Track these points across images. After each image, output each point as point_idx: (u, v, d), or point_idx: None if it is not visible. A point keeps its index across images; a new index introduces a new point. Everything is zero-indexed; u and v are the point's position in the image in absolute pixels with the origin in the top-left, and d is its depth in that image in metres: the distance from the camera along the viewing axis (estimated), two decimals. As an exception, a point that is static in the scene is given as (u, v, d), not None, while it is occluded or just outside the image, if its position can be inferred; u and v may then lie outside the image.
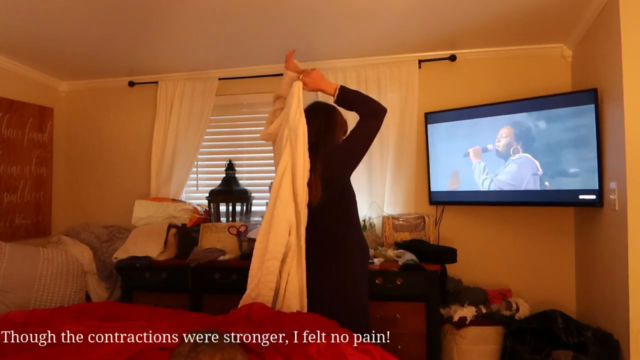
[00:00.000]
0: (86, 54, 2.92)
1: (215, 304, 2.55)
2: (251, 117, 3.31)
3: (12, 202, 3.07)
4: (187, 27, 2.50)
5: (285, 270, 1.73)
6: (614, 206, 2.03)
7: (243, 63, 3.12)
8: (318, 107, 1.95)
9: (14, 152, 3.09)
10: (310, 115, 1.85)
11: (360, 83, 2.98)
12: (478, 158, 2.65)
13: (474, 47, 2.84)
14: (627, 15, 1.91)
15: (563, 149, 2.35)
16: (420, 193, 2.92)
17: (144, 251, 2.67)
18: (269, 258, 1.71)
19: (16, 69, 3.10)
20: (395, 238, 2.79)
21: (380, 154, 2.93)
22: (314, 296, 1.77)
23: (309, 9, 2.28)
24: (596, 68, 2.29)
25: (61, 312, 1.77)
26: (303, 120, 1.75)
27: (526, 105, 2.49)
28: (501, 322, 2.47)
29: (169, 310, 1.91)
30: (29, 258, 2.65)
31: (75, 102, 3.56)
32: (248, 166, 3.30)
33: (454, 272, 2.74)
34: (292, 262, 1.72)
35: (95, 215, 3.44)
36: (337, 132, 1.92)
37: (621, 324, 1.95)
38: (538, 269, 2.78)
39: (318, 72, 1.86)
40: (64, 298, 2.71)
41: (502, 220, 2.83)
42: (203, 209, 3.10)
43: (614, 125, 2.05)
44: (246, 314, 1.65)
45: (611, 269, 2.10)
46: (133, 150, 3.42)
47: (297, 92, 1.80)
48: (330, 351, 1.24)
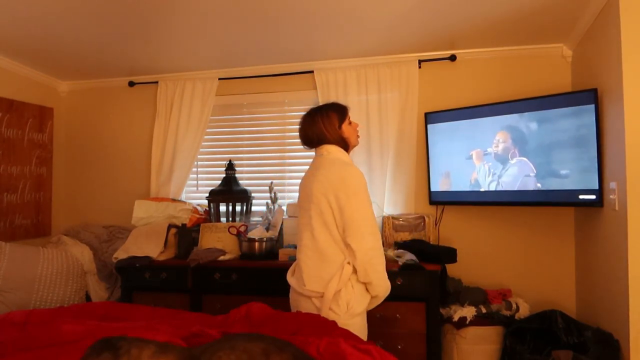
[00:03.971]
0: (86, 54, 2.92)
1: (215, 304, 2.55)
2: (251, 117, 3.31)
3: (12, 202, 3.07)
4: (187, 27, 2.50)
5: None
6: (614, 206, 2.03)
7: (243, 63, 3.12)
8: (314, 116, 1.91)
9: (14, 152, 3.09)
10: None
11: (360, 83, 2.98)
12: (481, 160, 2.66)
13: (474, 47, 2.84)
14: (627, 15, 1.91)
15: (563, 149, 2.35)
16: (420, 193, 2.92)
17: (144, 251, 2.67)
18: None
19: (16, 69, 3.10)
20: (395, 238, 2.79)
21: (380, 154, 2.93)
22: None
23: (309, 9, 2.28)
24: (596, 68, 2.29)
25: (61, 312, 1.77)
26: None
27: (526, 106, 2.49)
28: (501, 322, 2.47)
29: (169, 310, 1.91)
30: (29, 258, 2.65)
31: (75, 102, 3.56)
32: (248, 166, 3.30)
33: (454, 272, 2.74)
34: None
35: (95, 215, 3.44)
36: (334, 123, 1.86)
37: (621, 324, 1.95)
38: (538, 269, 2.78)
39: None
40: (64, 298, 2.72)
41: (503, 220, 2.83)
42: (203, 209, 3.10)
43: (614, 126, 2.05)
44: (246, 314, 1.66)
45: (611, 269, 2.10)
46: (133, 150, 3.42)
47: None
48: (330, 351, 1.24)
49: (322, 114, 1.85)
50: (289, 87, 3.17)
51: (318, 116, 1.86)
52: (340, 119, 1.86)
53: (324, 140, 1.83)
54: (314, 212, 1.74)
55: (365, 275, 1.69)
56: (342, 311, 1.68)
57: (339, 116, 1.86)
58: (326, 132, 1.82)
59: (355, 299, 1.71)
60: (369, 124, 2.95)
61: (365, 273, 1.69)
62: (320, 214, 1.72)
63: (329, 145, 1.83)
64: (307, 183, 1.82)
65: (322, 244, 1.72)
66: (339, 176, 1.71)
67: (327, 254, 1.71)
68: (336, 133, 1.83)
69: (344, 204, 1.68)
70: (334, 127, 1.83)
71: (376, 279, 1.71)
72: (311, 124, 1.85)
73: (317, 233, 1.73)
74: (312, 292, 1.72)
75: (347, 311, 1.69)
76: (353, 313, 1.71)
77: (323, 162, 1.80)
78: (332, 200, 1.70)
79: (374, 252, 1.69)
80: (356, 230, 1.67)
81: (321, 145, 1.84)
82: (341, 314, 1.68)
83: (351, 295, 1.70)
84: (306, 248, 1.77)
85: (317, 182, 1.74)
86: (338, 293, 1.69)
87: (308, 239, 1.76)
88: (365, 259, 1.67)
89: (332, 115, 1.85)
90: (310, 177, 1.81)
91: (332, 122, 1.84)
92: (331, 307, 1.68)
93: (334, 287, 1.68)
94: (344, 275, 1.69)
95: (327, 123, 1.83)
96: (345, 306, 1.69)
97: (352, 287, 1.71)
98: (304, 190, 1.84)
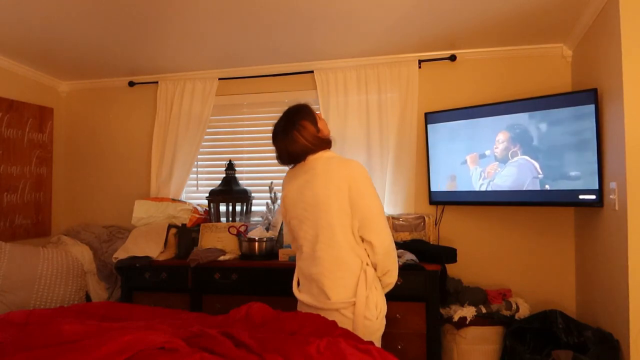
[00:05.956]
0: (86, 54, 2.92)
1: (215, 304, 2.55)
2: (251, 117, 3.31)
3: (12, 202, 3.07)
4: (187, 27, 2.50)
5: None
6: (614, 206, 2.03)
7: (243, 63, 3.12)
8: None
9: (14, 152, 3.09)
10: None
11: (360, 83, 2.98)
12: (475, 164, 2.66)
13: (474, 47, 2.84)
14: (627, 15, 1.91)
15: (563, 149, 2.35)
16: (420, 193, 2.92)
17: (144, 251, 2.67)
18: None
19: (16, 69, 3.10)
20: (395, 238, 2.79)
21: (380, 154, 2.93)
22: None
23: (309, 10, 2.28)
24: (596, 68, 2.29)
25: (61, 312, 1.77)
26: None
27: (526, 106, 2.49)
28: (501, 322, 2.47)
29: (168, 310, 1.91)
30: (29, 258, 2.65)
31: (75, 102, 3.56)
32: (248, 166, 3.30)
33: (454, 272, 2.74)
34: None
35: (95, 215, 3.45)
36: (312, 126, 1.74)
37: (621, 324, 1.95)
38: (538, 269, 2.78)
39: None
40: (64, 298, 2.72)
41: (502, 220, 2.83)
42: (203, 209, 3.10)
43: (614, 126, 2.05)
44: (246, 313, 1.65)
45: (611, 269, 2.10)
46: (133, 150, 3.42)
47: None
48: (330, 351, 1.24)
49: (297, 128, 1.68)
50: (289, 87, 3.17)
51: (294, 132, 1.68)
52: (314, 122, 1.72)
53: (309, 153, 1.70)
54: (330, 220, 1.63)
55: (384, 267, 1.68)
56: (374, 316, 1.64)
57: (311, 120, 1.72)
58: (310, 145, 1.69)
59: (382, 300, 1.70)
60: (369, 124, 2.95)
61: (384, 265, 1.67)
62: (338, 218, 1.63)
63: (313, 155, 1.70)
64: (306, 191, 1.69)
65: (342, 251, 1.63)
66: (348, 172, 1.64)
67: (346, 260, 1.64)
68: (317, 139, 1.71)
69: (359, 200, 1.62)
70: (314, 134, 1.70)
71: (394, 269, 1.71)
72: (291, 142, 1.68)
73: (340, 239, 1.63)
74: (341, 304, 1.64)
75: (378, 314, 1.66)
76: (383, 315, 1.69)
77: (319, 163, 1.69)
78: (346, 199, 1.62)
79: (391, 244, 1.68)
80: (376, 225, 1.64)
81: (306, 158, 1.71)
82: (374, 319, 1.64)
83: (378, 297, 1.68)
84: (322, 260, 1.65)
85: (327, 186, 1.64)
86: (367, 298, 1.64)
87: (323, 250, 1.65)
88: (385, 252, 1.65)
89: (306, 124, 1.70)
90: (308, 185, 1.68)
91: (310, 130, 1.69)
92: (365, 314, 1.63)
93: (363, 293, 1.62)
94: (369, 279, 1.65)
95: (306, 135, 1.68)
96: (375, 309, 1.65)
97: (376, 289, 1.68)
98: (302, 200, 1.70)
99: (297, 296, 1.78)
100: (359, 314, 1.62)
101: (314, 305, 1.69)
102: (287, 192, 1.78)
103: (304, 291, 1.76)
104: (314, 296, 1.70)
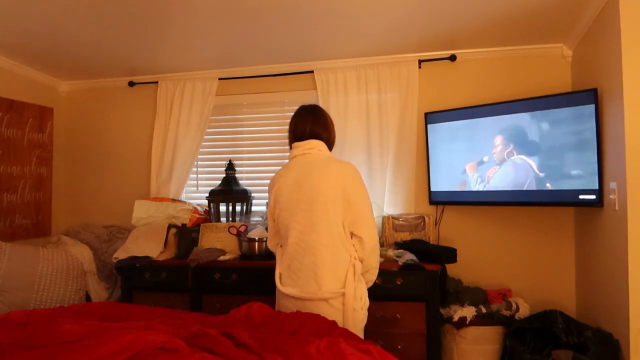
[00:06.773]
0: (86, 54, 2.92)
1: (215, 304, 2.55)
2: (251, 117, 3.31)
3: (12, 202, 3.07)
4: (187, 27, 2.50)
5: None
6: (614, 206, 2.03)
7: (243, 63, 3.12)
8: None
9: (14, 152, 3.09)
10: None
11: (360, 83, 2.98)
12: (474, 171, 2.67)
13: (474, 47, 2.84)
14: (627, 15, 1.91)
15: (563, 149, 2.35)
16: (420, 193, 2.93)
17: (144, 251, 2.67)
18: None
19: (16, 69, 3.10)
20: (395, 238, 2.79)
21: (380, 154, 2.93)
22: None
23: (309, 10, 2.28)
24: (596, 68, 2.29)
25: (61, 312, 1.77)
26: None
27: (526, 106, 2.49)
28: (501, 322, 2.47)
29: (168, 310, 1.91)
30: (29, 258, 2.65)
31: (75, 102, 3.56)
32: (248, 166, 3.30)
33: (454, 272, 2.74)
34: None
35: (95, 215, 3.45)
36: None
37: (621, 324, 1.95)
38: (538, 269, 2.78)
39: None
40: (64, 298, 2.72)
41: (502, 220, 2.83)
42: (203, 209, 3.10)
43: (614, 126, 2.05)
44: (246, 313, 1.66)
45: (611, 269, 2.10)
46: (133, 150, 3.42)
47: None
48: (330, 351, 1.24)
49: (328, 117, 1.91)
50: (289, 87, 3.17)
51: (326, 116, 1.91)
52: (333, 125, 1.94)
53: (328, 140, 1.87)
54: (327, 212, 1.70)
55: (368, 264, 1.78)
56: (360, 307, 1.73)
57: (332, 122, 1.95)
58: (327, 135, 1.87)
59: (365, 293, 1.80)
60: (369, 124, 2.95)
61: (369, 261, 1.79)
62: (333, 212, 1.70)
63: (319, 141, 1.83)
64: (303, 183, 1.73)
65: (336, 242, 1.71)
66: (345, 172, 1.75)
67: (340, 252, 1.72)
68: (333, 135, 1.93)
69: (354, 198, 1.72)
70: (333, 130, 1.93)
71: (376, 267, 1.83)
72: (317, 123, 1.85)
73: (334, 231, 1.70)
74: (332, 294, 1.69)
75: (363, 306, 1.75)
76: (367, 307, 1.78)
77: (318, 159, 1.78)
78: (341, 196, 1.71)
79: (377, 242, 1.80)
80: (367, 222, 1.74)
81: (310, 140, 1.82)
82: (359, 310, 1.73)
83: (363, 289, 1.78)
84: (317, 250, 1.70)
85: (325, 180, 1.71)
86: (355, 290, 1.73)
87: (318, 241, 1.70)
88: (372, 248, 1.76)
89: (331, 120, 1.94)
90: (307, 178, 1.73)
91: (332, 126, 1.93)
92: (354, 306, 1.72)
93: (351, 284, 1.70)
94: (357, 272, 1.73)
95: (331, 126, 1.91)
96: (361, 300, 1.74)
97: (361, 282, 1.79)
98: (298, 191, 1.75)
99: (281, 289, 1.80)
100: (349, 304, 1.70)
101: (300, 296, 1.73)
102: (282, 184, 1.81)
103: (287, 284, 1.79)
104: (300, 287, 1.74)
